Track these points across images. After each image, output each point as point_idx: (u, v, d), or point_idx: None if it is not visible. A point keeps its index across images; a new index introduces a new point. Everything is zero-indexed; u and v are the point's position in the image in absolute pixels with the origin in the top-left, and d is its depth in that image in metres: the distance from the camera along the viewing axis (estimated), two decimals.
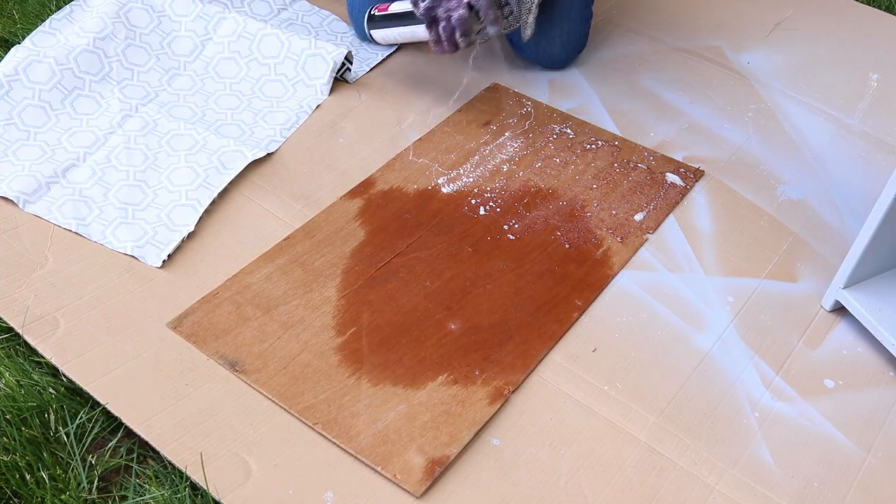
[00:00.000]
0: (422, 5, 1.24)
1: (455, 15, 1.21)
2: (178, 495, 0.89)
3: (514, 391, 1.00)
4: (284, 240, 1.15)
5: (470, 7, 1.21)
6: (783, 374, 1.03)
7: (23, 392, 0.96)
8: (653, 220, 1.21)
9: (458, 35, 1.22)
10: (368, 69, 1.44)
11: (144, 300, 1.07)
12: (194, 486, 0.90)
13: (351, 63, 1.40)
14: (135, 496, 0.90)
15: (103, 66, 1.34)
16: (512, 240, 1.17)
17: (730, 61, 1.50)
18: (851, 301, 1.06)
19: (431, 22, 1.24)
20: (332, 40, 1.48)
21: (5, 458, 0.90)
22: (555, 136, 1.33)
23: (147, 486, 0.90)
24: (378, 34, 1.38)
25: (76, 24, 1.38)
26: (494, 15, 1.23)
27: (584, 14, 1.42)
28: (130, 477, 0.92)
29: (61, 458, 0.93)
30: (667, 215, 1.22)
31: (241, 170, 1.23)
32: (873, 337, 1.05)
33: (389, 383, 0.99)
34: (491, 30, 1.24)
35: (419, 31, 1.30)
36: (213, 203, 1.19)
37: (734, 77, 1.47)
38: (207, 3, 1.44)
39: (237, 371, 1.00)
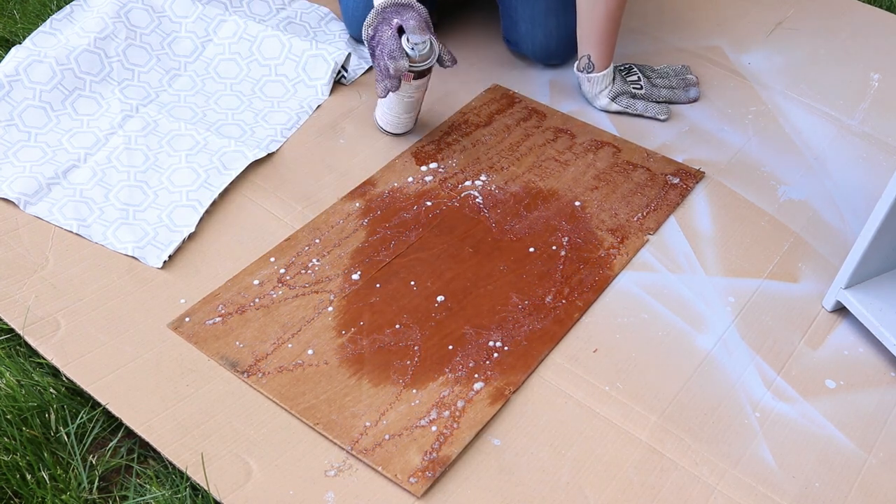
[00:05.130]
0: (368, 39, 1.19)
1: (379, 32, 1.17)
2: (179, 495, 0.89)
3: (514, 391, 1.00)
4: (285, 240, 1.15)
5: (399, 30, 1.16)
6: (784, 374, 1.03)
7: (23, 392, 0.96)
8: (653, 221, 1.21)
9: (385, 57, 1.16)
10: (368, 67, 1.44)
11: (145, 301, 1.07)
12: (195, 487, 0.90)
13: (347, 70, 1.40)
14: (135, 496, 0.90)
15: (104, 67, 1.34)
16: (513, 240, 1.16)
17: (730, 62, 1.50)
18: (852, 301, 1.06)
19: (372, 54, 1.20)
20: (330, 39, 1.48)
21: (6, 458, 0.90)
22: (555, 137, 1.33)
23: (148, 487, 0.90)
24: (378, 115, 1.31)
25: (77, 25, 1.38)
26: (421, 38, 1.16)
27: None
28: (131, 477, 0.92)
29: (62, 458, 0.93)
30: (667, 216, 1.22)
31: (241, 170, 1.23)
32: (874, 337, 1.05)
33: (390, 384, 0.99)
34: (414, 38, 1.16)
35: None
36: (214, 204, 1.19)
37: (735, 79, 1.47)
38: (207, 5, 1.44)
39: (238, 371, 1.00)
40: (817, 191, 1.27)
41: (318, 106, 1.36)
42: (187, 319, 1.05)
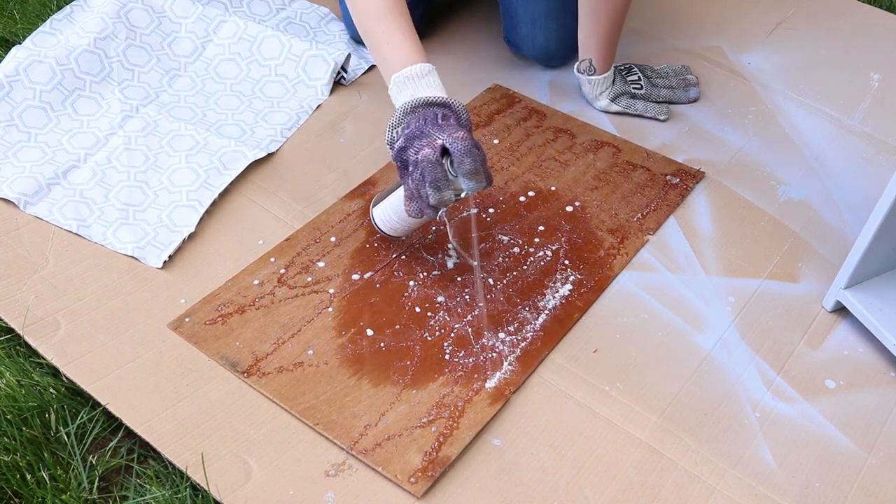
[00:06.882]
0: (396, 146, 0.98)
1: (420, 155, 0.95)
2: (179, 495, 0.89)
3: (515, 392, 1.00)
4: (285, 240, 1.15)
5: (443, 150, 0.95)
6: (784, 374, 1.03)
7: (23, 392, 0.96)
8: (653, 222, 1.20)
9: (427, 185, 0.95)
10: (367, 67, 1.44)
11: (145, 301, 1.07)
12: (195, 487, 0.90)
13: (346, 70, 1.40)
14: (135, 496, 0.90)
15: (104, 67, 1.34)
16: (512, 240, 1.16)
17: (730, 62, 1.50)
18: (852, 301, 1.06)
19: (403, 168, 0.99)
20: (330, 40, 1.48)
21: (6, 458, 0.90)
22: (555, 137, 1.33)
23: (148, 487, 0.90)
24: (379, 215, 1.09)
25: (77, 25, 1.38)
26: (473, 166, 0.94)
27: None
28: (131, 477, 0.92)
29: (62, 458, 0.93)
30: (667, 216, 1.22)
31: (241, 170, 1.23)
32: (874, 337, 1.05)
33: (390, 384, 0.99)
34: (465, 183, 0.95)
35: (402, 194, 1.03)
36: (214, 204, 1.19)
37: (735, 78, 1.47)
38: (207, 5, 1.44)
39: (238, 372, 1.00)
40: (817, 191, 1.27)
41: (318, 106, 1.37)
42: (187, 319, 1.05)
